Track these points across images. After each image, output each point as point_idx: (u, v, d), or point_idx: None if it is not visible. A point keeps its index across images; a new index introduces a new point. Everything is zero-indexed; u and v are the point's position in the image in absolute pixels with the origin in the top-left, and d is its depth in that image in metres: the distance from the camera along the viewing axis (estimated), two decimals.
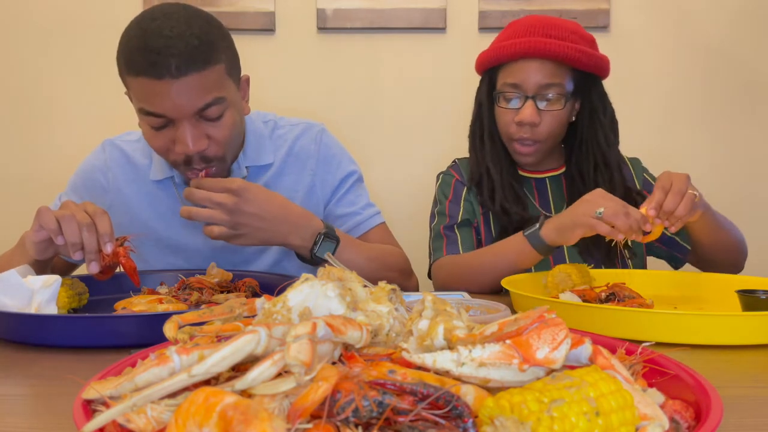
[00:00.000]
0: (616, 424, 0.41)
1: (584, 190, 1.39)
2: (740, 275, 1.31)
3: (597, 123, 1.43)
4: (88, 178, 1.39)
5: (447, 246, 1.44)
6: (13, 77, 2.11)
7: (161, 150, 1.18)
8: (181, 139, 1.12)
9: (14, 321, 0.87)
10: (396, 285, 0.60)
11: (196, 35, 1.08)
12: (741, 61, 2.13)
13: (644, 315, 0.86)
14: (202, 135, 1.14)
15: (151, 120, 1.13)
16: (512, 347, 0.45)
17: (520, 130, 1.38)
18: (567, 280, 1.13)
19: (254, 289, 1.13)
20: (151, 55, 1.06)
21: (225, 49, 1.15)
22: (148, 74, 1.07)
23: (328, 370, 0.42)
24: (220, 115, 1.14)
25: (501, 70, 1.41)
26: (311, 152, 1.40)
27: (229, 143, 1.19)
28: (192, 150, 1.13)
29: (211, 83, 1.11)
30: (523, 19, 1.42)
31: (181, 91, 1.08)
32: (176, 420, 0.40)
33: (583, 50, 1.35)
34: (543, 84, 1.35)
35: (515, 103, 1.38)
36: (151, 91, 1.09)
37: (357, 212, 1.40)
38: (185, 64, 1.07)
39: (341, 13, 2.07)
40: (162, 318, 0.60)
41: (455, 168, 1.57)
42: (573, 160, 1.48)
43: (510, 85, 1.38)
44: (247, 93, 1.28)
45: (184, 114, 1.11)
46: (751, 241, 1.43)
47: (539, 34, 1.34)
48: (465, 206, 1.48)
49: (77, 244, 1.00)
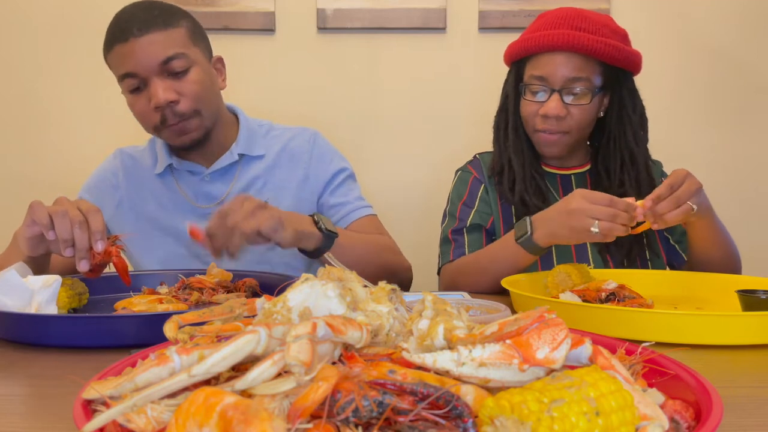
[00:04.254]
0: (616, 424, 0.41)
1: (609, 187, 1.40)
2: (740, 275, 1.31)
3: (626, 119, 1.41)
4: (101, 180, 1.50)
5: (454, 250, 1.44)
6: (12, 77, 2.11)
7: (143, 114, 1.29)
8: (153, 93, 1.25)
9: (14, 321, 0.87)
10: (394, 284, 0.60)
11: (157, 8, 1.27)
12: (742, 60, 2.13)
13: (644, 315, 0.86)
14: (170, 89, 1.26)
15: (127, 83, 1.27)
16: (512, 347, 0.45)
17: (545, 123, 1.37)
18: (567, 280, 1.13)
19: (254, 289, 1.13)
20: (119, 25, 1.25)
21: (186, 20, 1.30)
22: (118, 41, 1.25)
23: (328, 370, 0.42)
24: (185, 71, 1.27)
25: (528, 61, 1.39)
26: (305, 149, 1.48)
27: (200, 98, 1.29)
28: (161, 100, 1.24)
29: (172, 41, 1.26)
30: (554, 10, 1.40)
31: (144, 45, 1.23)
32: (176, 420, 0.40)
33: (613, 44, 1.33)
34: (570, 77, 1.33)
35: (541, 96, 1.36)
36: (121, 54, 1.25)
37: (348, 202, 1.45)
38: (146, 25, 1.24)
39: (341, 13, 2.07)
40: (162, 318, 0.60)
41: (475, 164, 1.54)
42: (599, 157, 1.46)
43: (536, 78, 1.36)
44: (223, 72, 1.41)
45: (151, 67, 1.24)
46: (751, 241, 1.43)
47: (568, 27, 1.32)
48: (479, 207, 1.47)
49: (68, 240, 1.00)
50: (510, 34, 2.06)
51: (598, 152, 1.47)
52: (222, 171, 1.43)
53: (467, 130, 2.09)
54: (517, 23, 2.05)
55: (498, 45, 2.07)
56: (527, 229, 1.21)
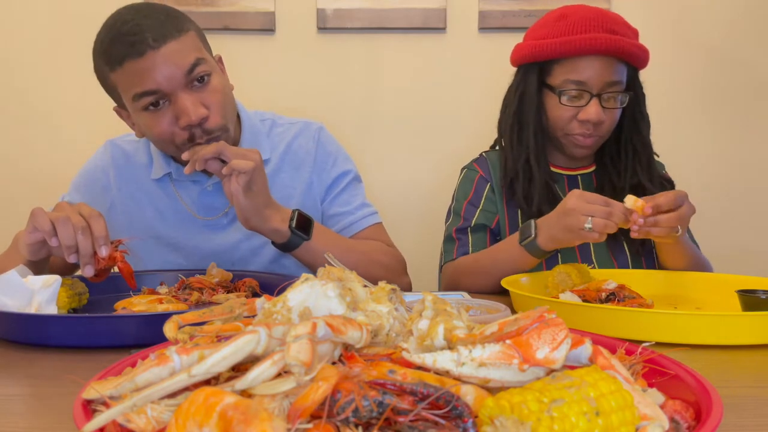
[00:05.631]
0: (616, 424, 0.41)
1: (617, 181, 1.41)
2: (740, 275, 1.31)
3: (638, 114, 1.43)
4: (90, 178, 1.41)
5: (457, 249, 1.43)
6: (12, 77, 2.11)
7: (165, 134, 1.18)
8: (182, 109, 1.14)
9: (14, 321, 0.87)
10: (394, 285, 0.60)
11: (161, 13, 1.15)
12: (740, 59, 2.13)
13: (644, 315, 0.86)
14: (199, 103, 1.16)
15: (146, 101, 1.14)
16: (512, 347, 0.45)
17: (582, 127, 1.36)
18: (567, 280, 1.13)
19: (254, 289, 1.13)
20: (127, 38, 1.11)
21: (190, 22, 1.21)
22: (131, 56, 1.11)
23: (328, 370, 0.42)
24: (207, 77, 1.18)
25: (558, 64, 1.37)
26: (309, 150, 1.41)
27: (225, 109, 1.21)
28: (194, 118, 1.14)
29: (189, 47, 1.16)
30: (576, 9, 1.37)
31: (167, 57, 1.12)
32: (176, 420, 0.40)
33: (641, 47, 1.35)
34: (608, 81, 1.34)
35: (578, 101, 1.36)
36: (138, 70, 1.12)
37: (350, 212, 1.39)
38: (161, 35, 1.12)
39: (341, 13, 2.07)
40: (162, 318, 0.60)
41: (481, 162, 1.53)
42: (607, 156, 1.46)
43: (574, 82, 1.35)
44: (225, 72, 1.31)
45: (177, 81, 1.13)
46: (750, 241, 1.43)
47: (602, 30, 1.32)
48: (485, 206, 1.46)
49: (72, 246, 1.00)
50: (510, 34, 2.07)
51: (604, 148, 1.46)
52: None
53: (467, 130, 2.09)
54: (517, 23, 2.05)
55: (498, 45, 2.08)
56: (532, 233, 1.21)
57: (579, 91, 1.35)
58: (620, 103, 1.37)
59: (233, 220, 1.35)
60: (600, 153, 1.48)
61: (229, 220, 1.36)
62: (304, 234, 1.19)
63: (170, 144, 1.20)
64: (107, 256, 1.01)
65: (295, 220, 1.18)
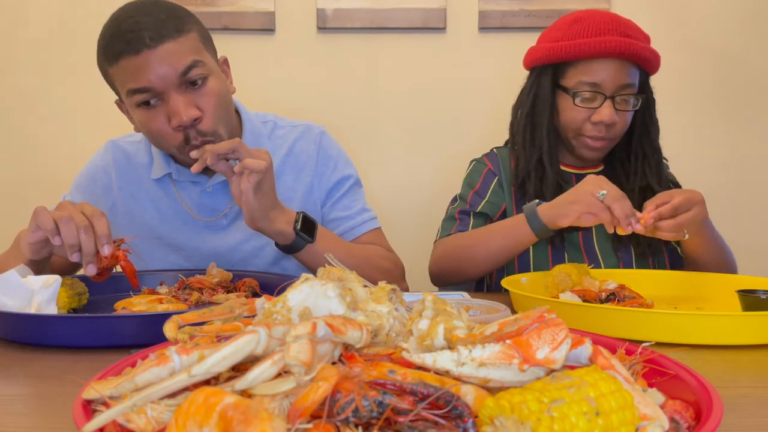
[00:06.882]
0: (616, 424, 0.41)
1: (626, 183, 1.43)
2: (740, 275, 1.31)
3: (648, 118, 1.45)
4: (92, 178, 1.41)
5: (457, 227, 1.45)
6: (12, 77, 2.11)
7: (160, 133, 1.18)
8: (174, 109, 1.15)
9: (14, 321, 0.87)
10: (394, 285, 0.60)
11: (163, 11, 1.16)
12: (742, 60, 2.13)
13: (644, 315, 0.86)
14: (192, 104, 1.16)
15: (139, 98, 1.15)
16: (512, 347, 0.45)
17: (595, 128, 1.38)
18: (567, 280, 1.13)
19: (254, 289, 1.13)
20: (125, 35, 1.12)
21: (195, 23, 1.20)
22: (127, 53, 1.13)
23: (328, 370, 0.42)
24: (203, 80, 1.17)
25: (572, 67, 1.39)
26: (311, 153, 1.40)
27: (219, 113, 1.20)
28: (185, 119, 1.14)
29: (187, 49, 1.16)
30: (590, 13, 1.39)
31: (161, 57, 1.12)
32: (176, 420, 0.40)
33: (653, 51, 1.37)
34: (622, 84, 1.36)
35: (592, 102, 1.37)
36: (133, 67, 1.13)
37: (350, 217, 1.39)
38: (158, 35, 1.12)
39: (341, 13, 2.07)
40: (162, 318, 0.60)
41: (491, 157, 1.55)
42: (616, 157, 1.48)
43: (588, 84, 1.36)
44: (230, 74, 1.31)
45: (169, 81, 1.14)
46: (751, 241, 1.43)
47: (617, 33, 1.34)
48: (490, 198, 1.48)
49: (75, 245, 0.99)
50: (510, 34, 2.07)
51: (615, 149, 1.47)
52: (226, 182, 1.30)
53: (467, 130, 2.09)
54: (517, 23, 2.05)
55: (498, 45, 2.08)
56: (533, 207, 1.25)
57: (593, 93, 1.36)
58: (633, 105, 1.39)
59: (233, 221, 1.35)
60: (609, 155, 1.49)
61: (229, 222, 1.36)
62: (308, 236, 1.19)
63: (169, 144, 1.21)
64: (110, 255, 1.01)
65: (300, 223, 1.18)
